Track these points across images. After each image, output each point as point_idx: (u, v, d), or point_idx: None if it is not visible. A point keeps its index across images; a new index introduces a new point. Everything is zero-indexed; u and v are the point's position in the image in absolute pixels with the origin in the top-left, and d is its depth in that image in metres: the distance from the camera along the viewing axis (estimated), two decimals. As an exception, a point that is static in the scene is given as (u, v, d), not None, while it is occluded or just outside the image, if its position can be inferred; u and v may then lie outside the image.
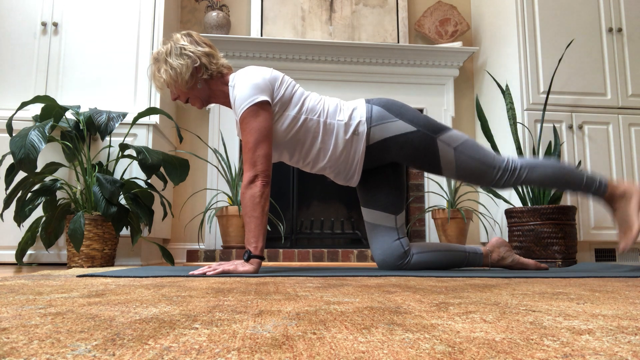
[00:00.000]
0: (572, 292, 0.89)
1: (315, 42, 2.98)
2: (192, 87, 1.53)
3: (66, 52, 2.52)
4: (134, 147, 2.13)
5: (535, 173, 1.55)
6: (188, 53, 1.50)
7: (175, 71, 1.49)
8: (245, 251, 1.39)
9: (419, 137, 1.52)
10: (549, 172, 1.55)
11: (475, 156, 1.54)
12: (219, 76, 1.56)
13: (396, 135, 1.52)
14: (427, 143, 1.52)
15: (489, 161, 1.54)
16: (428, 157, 1.53)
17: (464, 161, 1.53)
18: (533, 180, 1.55)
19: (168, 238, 2.94)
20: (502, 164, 1.55)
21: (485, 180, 1.56)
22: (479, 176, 1.55)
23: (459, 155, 1.53)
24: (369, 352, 0.38)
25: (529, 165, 1.56)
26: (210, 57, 1.52)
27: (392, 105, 1.56)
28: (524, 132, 2.68)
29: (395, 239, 1.61)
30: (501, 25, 2.99)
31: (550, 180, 1.55)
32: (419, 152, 1.53)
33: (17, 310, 0.61)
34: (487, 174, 1.54)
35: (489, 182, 1.56)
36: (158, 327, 0.50)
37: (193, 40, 1.53)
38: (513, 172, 1.54)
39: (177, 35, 1.54)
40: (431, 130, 1.53)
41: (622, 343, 0.42)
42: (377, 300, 0.74)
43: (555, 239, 2.26)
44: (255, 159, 1.41)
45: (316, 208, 3.10)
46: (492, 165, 1.54)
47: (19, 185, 2.01)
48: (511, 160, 1.56)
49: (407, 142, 1.52)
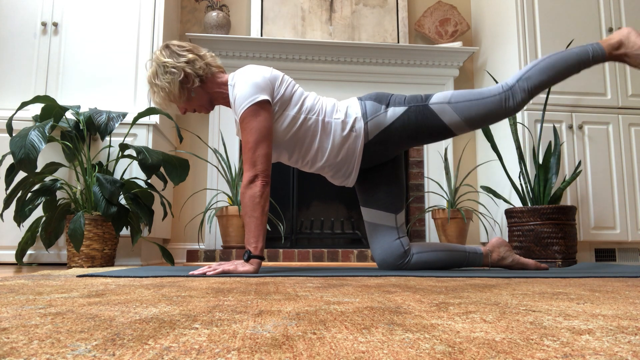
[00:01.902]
0: (572, 292, 0.89)
1: (315, 42, 2.98)
2: (188, 98, 1.53)
3: (66, 52, 2.52)
4: (134, 147, 2.13)
5: (533, 78, 1.52)
6: (170, 70, 1.48)
7: (165, 90, 1.49)
8: (245, 251, 1.39)
9: (413, 112, 1.52)
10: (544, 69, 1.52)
11: (472, 98, 1.52)
12: (211, 78, 1.55)
13: (393, 121, 1.53)
14: (423, 113, 1.52)
15: (487, 95, 1.52)
16: (432, 126, 1.53)
17: (466, 108, 1.51)
18: (536, 84, 1.52)
19: (168, 238, 2.94)
20: (500, 91, 1.52)
21: (496, 114, 1.53)
22: (487, 114, 1.52)
23: (457, 107, 1.51)
24: (369, 352, 0.38)
25: (523, 77, 1.53)
26: (193, 64, 1.50)
27: (381, 97, 1.57)
28: (524, 132, 2.68)
29: (395, 239, 1.61)
30: (501, 25, 2.99)
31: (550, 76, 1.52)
32: (420, 126, 1.53)
33: (17, 310, 0.61)
34: (494, 107, 1.51)
35: (501, 114, 1.53)
36: (158, 327, 0.50)
37: (172, 52, 1.51)
38: (514, 92, 1.52)
39: (156, 53, 1.52)
40: (420, 101, 1.54)
41: (622, 343, 0.42)
42: (377, 300, 0.74)
43: (555, 239, 2.26)
44: (255, 159, 1.41)
45: (316, 208, 3.10)
46: (492, 96, 1.51)
47: (19, 185, 2.01)
48: (504, 83, 1.54)
49: (405, 122, 1.52)
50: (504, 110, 1.52)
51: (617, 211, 2.68)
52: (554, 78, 1.53)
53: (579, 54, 1.53)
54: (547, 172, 2.38)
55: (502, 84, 1.54)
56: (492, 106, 1.51)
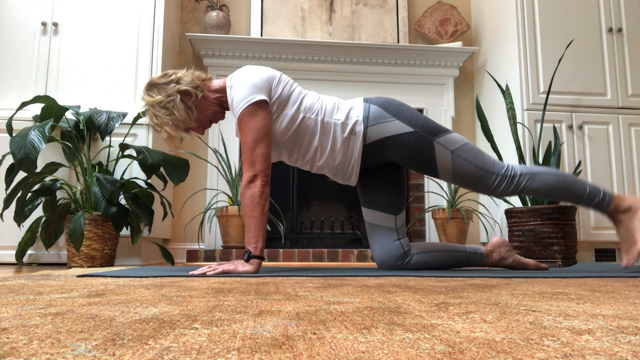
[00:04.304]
0: (572, 292, 0.89)
1: (315, 42, 2.98)
2: (195, 118, 1.53)
3: (66, 52, 2.52)
4: (134, 147, 2.13)
5: (536, 182, 1.50)
6: (165, 105, 1.48)
7: (169, 124, 1.49)
8: (245, 251, 1.39)
9: (416, 138, 1.50)
10: (550, 180, 1.49)
11: (473, 161, 1.50)
12: (207, 87, 1.54)
13: (393, 135, 1.51)
14: (423, 145, 1.50)
15: (488, 167, 1.50)
16: (424, 159, 1.51)
17: (462, 165, 1.50)
18: (533, 189, 1.50)
19: (168, 238, 2.94)
20: (502, 171, 1.51)
21: (482, 186, 1.52)
22: (476, 181, 1.51)
23: (456, 159, 1.50)
24: (369, 352, 0.38)
25: (529, 173, 1.51)
26: (179, 84, 1.49)
27: (390, 105, 1.54)
28: (524, 132, 2.68)
29: (395, 239, 1.61)
30: (501, 25, 2.99)
31: (551, 190, 1.49)
32: (415, 154, 1.51)
33: (17, 310, 0.61)
34: (485, 180, 1.50)
35: (486, 188, 1.52)
36: (158, 327, 0.50)
37: (159, 87, 1.50)
38: (512, 180, 1.50)
39: (146, 98, 1.50)
40: (429, 132, 1.51)
41: (622, 343, 0.42)
42: (377, 300, 0.74)
43: (555, 239, 2.26)
44: (254, 159, 1.41)
45: (316, 208, 3.10)
46: (491, 171, 1.50)
47: (19, 185, 2.01)
48: (511, 167, 1.52)
49: (404, 143, 1.51)
50: (491, 188, 1.52)
51: (617, 211, 2.68)
52: (552, 195, 1.51)
53: (590, 191, 1.49)
54: (547, 172, 2.38)
55: (508, 166, 1.52)
56: (485, 178, 1.50)
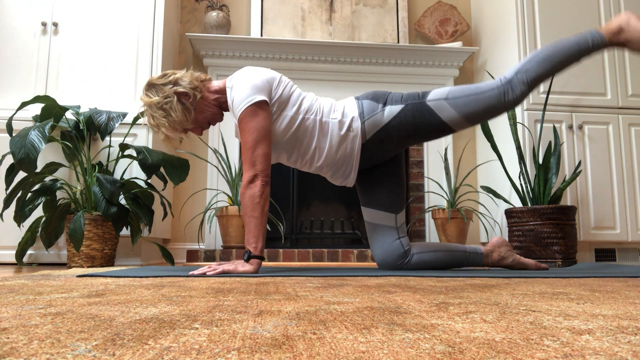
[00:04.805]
0: (572, 292, 0.89)
1: (315, 42, 2.98)
2: (192, 119, 1.52)
3: (66, 52, 2.52)
4: (134, 147, 2.13)
5: (531, 70, 1.49)
6: (162, 105, 1.48)
7: (165, 125, 1.49)
8: (245, 251, 1.39)
9: (410, 110, 1.51)
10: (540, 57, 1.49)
11: (470, 94, 1.50)
12: (206, 87, 1.54)
13: (390, 120, 1.52)
14: (420, 111, 1.51)
15: (486, 90, 1.50)
16: (429, 123, 1.51)
17: (464, 104, 1.50)
18: (535, 76, 1.49)
19: (168, 238, 2.94)
20: (499, 84, 1.50)
21: (497, 108, 1.50)
22: (485, 108, 1.50)
23: (454, 103, 1.50)
24: (369, 352, 0.38)
25: (520, 69, 1.51)
26: (181, 81, 1.50)
27: (378, 95, 1.56)
28: (524, 132, 2.68)
29: (395, 239, 1.61)
30: (501, 25, 2.99)
31: (548, 64, 1.49)
32: (418, 122, 1.52)
33: (17, 310, 0.61)
34: (491, 101, 1.49)
35: (498, 108, 1.50)
36: (158, 327, 0.50)
37: (156, 87, 1.50)
38: (511, 84, 1.49)
39: (144, 99, 1.51)
40: (416, 99, 1.52)
41: (622, 343, 0.42)
42: (377, 300, 0.74)
43: (555, 239, 2.26)
44: (255, 159, 1.41)
45: (316, 208, 3.10)
46: (490, 91, 1.49)
47: (19, 185, 2.01)
48: (503, 77, 1.52)
49: (402, 120, 1.51)
50: (504, 104, 1.50)
51: (617, 211, 2.68)
52: (554, 69, 1.50)
53: (578, 42, 1.50)
54: (547, 172, 2.38)
55: (500, 78, 1.52)
56: (490, 101, 1.49)
